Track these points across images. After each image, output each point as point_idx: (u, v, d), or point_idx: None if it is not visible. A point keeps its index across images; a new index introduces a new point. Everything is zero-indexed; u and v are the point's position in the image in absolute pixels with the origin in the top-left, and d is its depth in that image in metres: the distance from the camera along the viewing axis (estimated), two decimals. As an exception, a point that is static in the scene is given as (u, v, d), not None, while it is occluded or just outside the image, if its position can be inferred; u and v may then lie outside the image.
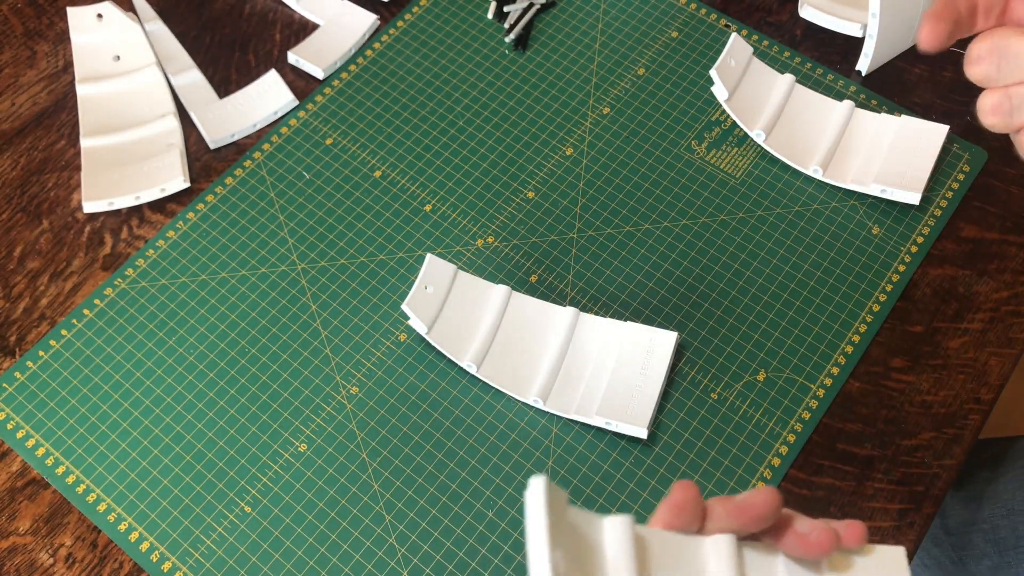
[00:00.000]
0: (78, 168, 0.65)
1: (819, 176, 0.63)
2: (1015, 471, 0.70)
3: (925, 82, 0.68)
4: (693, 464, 0.54)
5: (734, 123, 0.66)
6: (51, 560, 0.52)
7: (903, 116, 0.63)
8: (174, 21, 0.71)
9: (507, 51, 0.70)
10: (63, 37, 0.71)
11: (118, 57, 0.69)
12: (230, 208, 0.63)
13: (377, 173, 0.65)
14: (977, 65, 0.39)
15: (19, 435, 0.56)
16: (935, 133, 0.62)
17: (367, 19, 0.71)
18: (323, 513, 0.53)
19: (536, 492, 0.32)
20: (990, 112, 0.39)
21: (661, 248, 0.62)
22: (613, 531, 0.36)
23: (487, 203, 0.64)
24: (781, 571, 0.38)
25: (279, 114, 0.67)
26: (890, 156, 0.62)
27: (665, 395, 0.56)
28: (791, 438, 0.55)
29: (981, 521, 0.70)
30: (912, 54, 0.69)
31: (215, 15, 0.72)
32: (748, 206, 0.63)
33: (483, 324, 0.57)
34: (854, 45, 0.68)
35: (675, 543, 0.38)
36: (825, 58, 0.69)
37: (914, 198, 0.61)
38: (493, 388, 0.56)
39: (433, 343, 0.56)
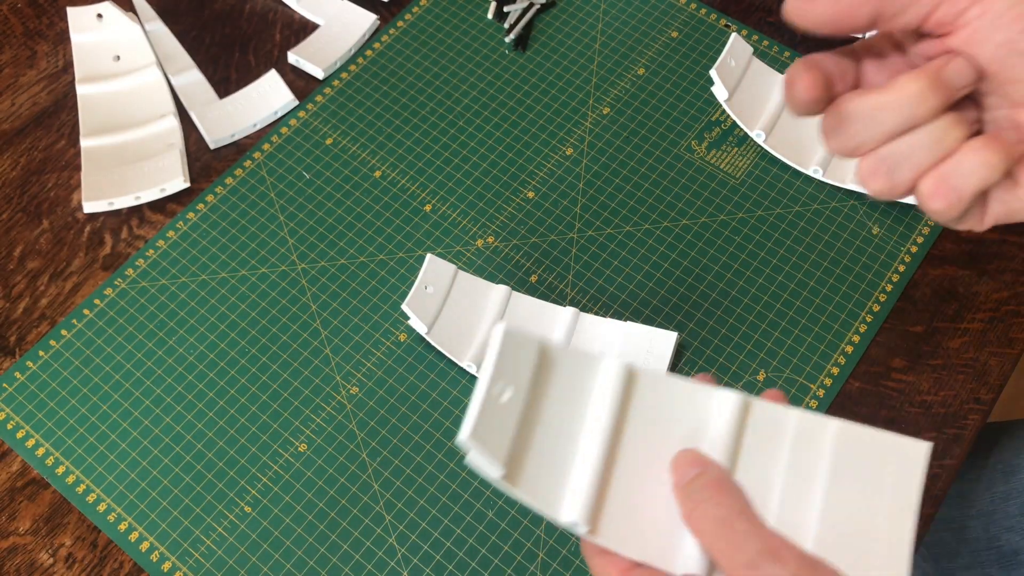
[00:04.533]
0: (78, 168, 0.65)
1: (819, 176, 0.63)
2: (986, 471, 0.70)
3: (925, 82, 0.68)
4: (693, 464, 0.54)
5: (734, 123, 0.66)
6: (51, 560, 0.52)
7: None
8: (174, 21, 0.71)
9: (507, 51, 0.70)
10: (63, 37, 0.71)
11: (118, 57, 0.69)
12: (230, 208, 0.63)
13: (377, 173, 0.65)
14: (834, 138, 0.37)
15: (19, 435, 0.56)
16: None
17: (367, 19, 0.71)
18: (323, 513, 0.53)
19: (495, 337, 0.34)
20: (870, 179, 0.37)
21: (661, 248, 0.62)
22: (605, 372, 0.37)
23: (487, 203, 0.64)
24: (786, 445, 0.38)
25: (279, 114, 0.67)
26: (890, 156, 0.62)
27: (665, 395, 0.56)
28: (791, 438, 0.55)
29: (950, 520, 0.70)
30: (912, 54, 0.69)
31: (215, 15, 0.72)
32: (748, 206, 0.63)
33: (483, 324, 0.57)
34: (854, 45, 0.68)
35: (676, 391, 0.37)
36: (825, 58, 0.69)
37: (915, 198, 0.61)
38: (493, 388, 0.56)
39: (433, 343, 0.56)
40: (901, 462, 0.38)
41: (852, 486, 0.37)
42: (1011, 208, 0.37)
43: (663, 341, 0.56)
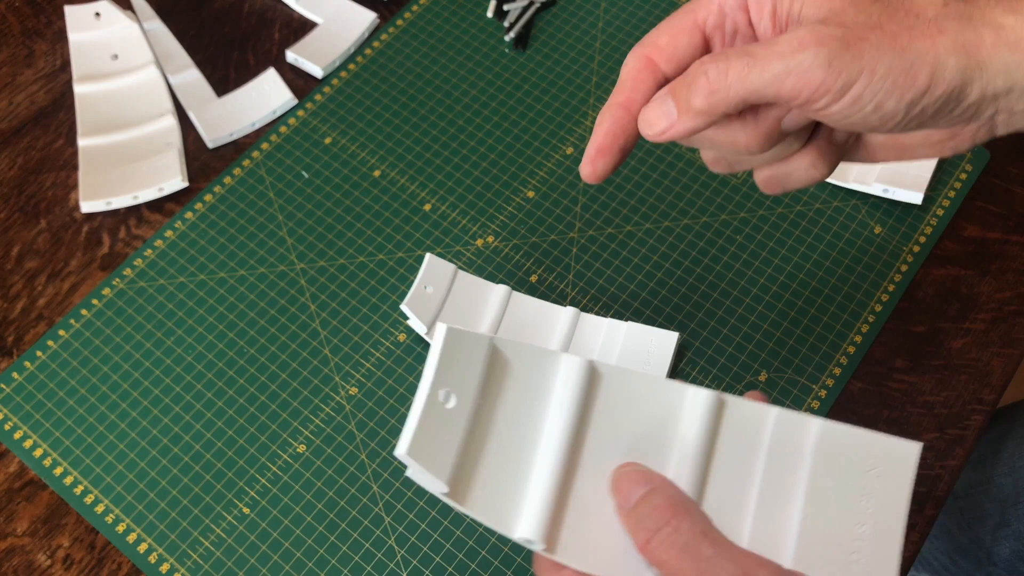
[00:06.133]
0: (76, 167, 0.65)
1: (821, 175, 0.63)
2: (1020, 431, 0.70)
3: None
4: (694, 465, 0.54)
5: (735, 122, 0.66)
6: (49, 562, 0.52)
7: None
8: (172, 20, 0.71)
9: (507, 50, 0.70)
10: (61, 36, 0.70)
11: (116, 56, 0.68)
12: (229, 208, 0.63)
13: (377, 172, 0.65)
14: (653, 132, 0.37)
15: (16, 436, 0.55)
16: (937, 132, 0.62)
17: (366, 17, 0.70)
18: (322, 514, 0.53)
19: (436, 337, 0.32)
20: (710, 166, 0.42)
21: (662, 248, 0.61)
22: (566, 370, 0.34)
23: (487, 203, 0.63)
24: (764, 448, 0.35)
25: (278, 113, 0.67)
26: (892, 155, 0.62)
27: (666, 396, 0.56)
28: (793, 439, 0.55)
29: (985, 482, 0.70)
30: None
31: (214, 14, 0.72)
32: (750, 206, 0.63)
33: (483, 324, 0.56)
34: (856, 44, 0.68)
35: (644, 390, 0.35)
36: (826, 57, 0.69)
37: (916, 198, 0.61)
38: (493, 389, 0.56)
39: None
40: (889, 465, 0.35)
41: (835, 492, 0.35)
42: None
43: (664, 341, 0.56)
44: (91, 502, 0.53)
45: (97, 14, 0.69)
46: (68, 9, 0.69)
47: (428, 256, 0.55)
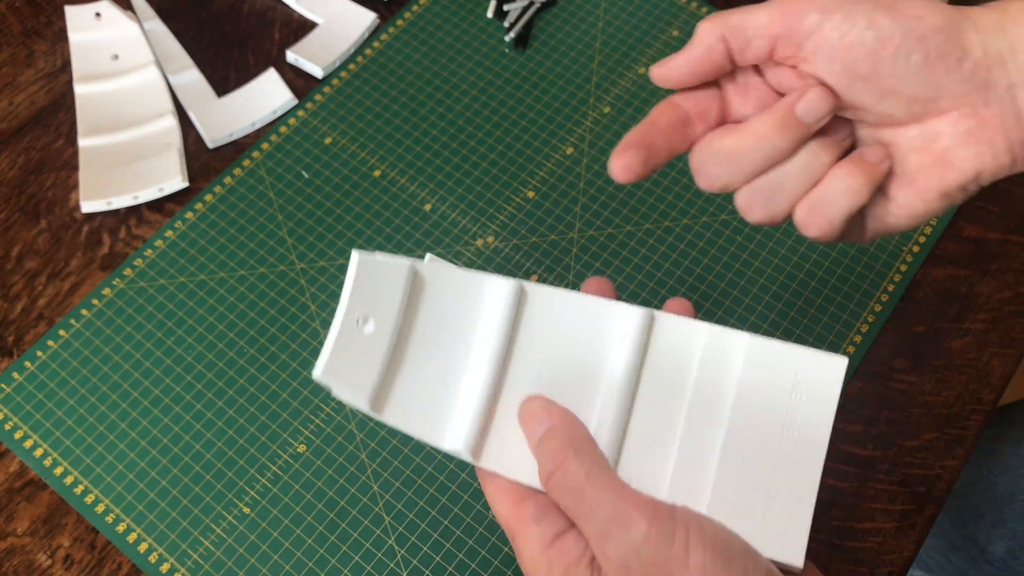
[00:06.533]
0: (76, 168, 0.65)
1: (820, 176, 0.63)
2: (1016, 432, 0.70)
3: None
4: (694, 465, 0.54)
5: (735, 122, 0.66)
6: (49, 561, 0.52)
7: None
8: (173, 20, 0.71)
9: (507, 50, 0.70)
10: (61, 36, 0.70)
11: (116, 56, 0.68)
12: (229, 208, 0.63)
13: (377, 172, 0.65)
14: (701, 178, 0.38)
15: (17, 436, 0.55)
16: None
17: (366, 18, 0.70)
18: (322, 514, 0.53)
19: (351, 265, 0.33)
20: (748, 212, 0.38)
21: (662, 248, 0.61)
22: (494, 292, 0.36)
23: (487, 203, 0.63)
24: (694, 367, 0.36)
25: (278, 113, 0.67)
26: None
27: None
28: (792, 439, 0.55)
29: (980, 480, 0.70)
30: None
31: (214, 14, 0.72)
32: (749, 206, 0.63)
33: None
34: (855, 44, 0.68)
35: (572, 308, 0.36)
36: (826, 57, 0.69)
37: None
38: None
39: (433, 343, 0.56)
40: (817, 379, 0.35)
41: (759, 416, 0.35)
42: (886, 223, 0.38)
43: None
44: (91, 502, 0.53)
45: (97, 14, 0.69)
46: (68, 9, 0.69)
47: (428, 256, 0.55)
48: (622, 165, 0.37)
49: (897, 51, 0.34)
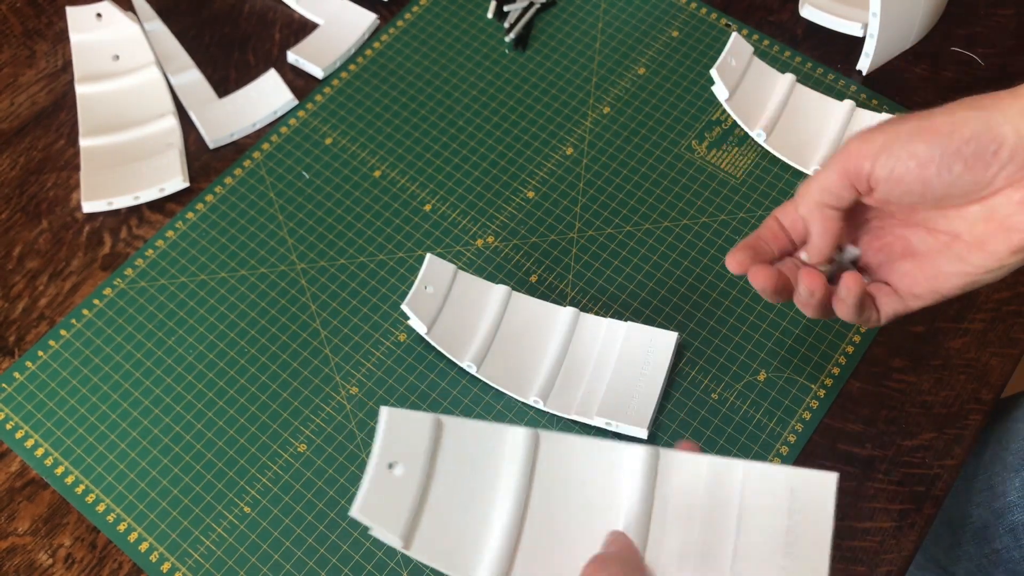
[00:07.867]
0: (77, 168, 0.65)
1: (820, 176, 0.63)
2: (972, 464, 0.70)
3: (926, 82, 0.68)
4: (693, 464, 0.54)
5: (734, 123, 0.66)
6: (50, 561, 0.52)
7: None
8: (173, 20, 0.71)
9: (507, 51, 0.70)
10: (62, 36, 0.71)
11: (117, 56, 0.69)
12: (229, 208, 0.63)
13: (377, 173, 0.65)
14: (807, 310, 0.47)
15: (18, 435, 0.55)
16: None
17: (367, 18, 0.71)
18: (322, 513, 0.53)
19: (381, 417, 0.37)
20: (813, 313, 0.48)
21: (661, 248, 0.61)
22: (513, 440, 0.39)
23: (487, 203, 0.63)
24: (702, 492, 0.38)
25: (278, 114, 0.67)
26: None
27: (666, 395, 0.56)
28: (792, 438, 0.55)
29: (955, 495, 0.70)
30: (913, 54, 0.69)
31: (214, 14, 0.72)
32: (749, 206, 0.63)
33: (483, 324, 0.57)
34: (855, 45, 0.68)
35: (582, 451, 0.39)
36: (826, 58, 0.69)
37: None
38: (493, 388, 0.56)
39: (433, 343, 0.56)
40: (811, 495, 0.38)
41: (762, 536, 0.38)
42: (895, 309, 0.46)
43: (663, 341, 0.56)
44: (92, 501, 0.54)
45: (98, 15, 0.69)
46: (69, 10, 0.69)
47: (428, 256, 0.55)
48: (736, 261, 0.46)
49: (939, 168, 0.41)
